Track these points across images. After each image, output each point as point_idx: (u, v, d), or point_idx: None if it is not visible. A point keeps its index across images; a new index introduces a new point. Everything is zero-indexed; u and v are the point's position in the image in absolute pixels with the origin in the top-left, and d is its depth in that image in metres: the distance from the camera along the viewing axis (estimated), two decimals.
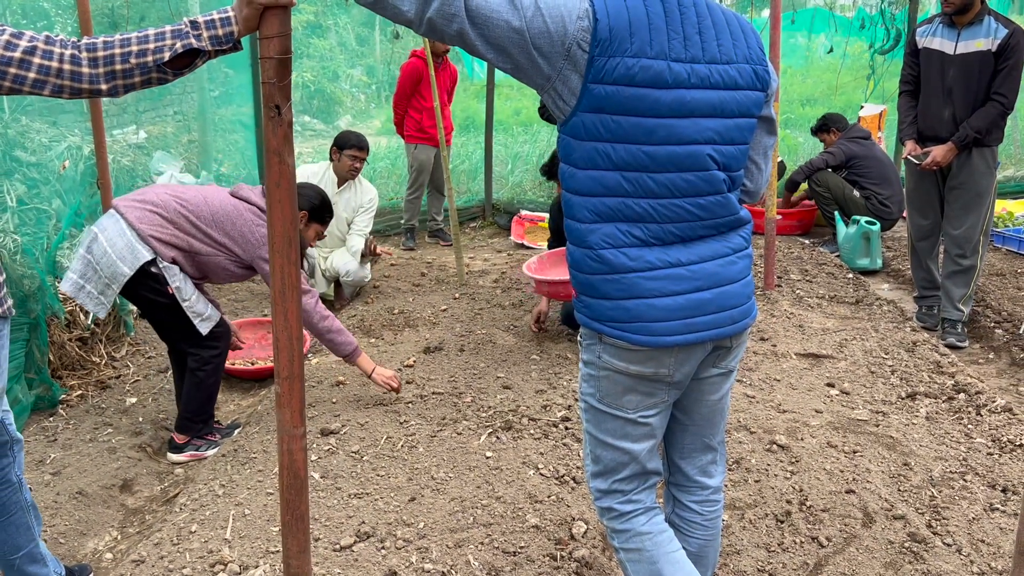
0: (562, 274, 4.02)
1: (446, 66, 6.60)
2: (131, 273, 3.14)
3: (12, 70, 1.65)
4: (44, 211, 4.10)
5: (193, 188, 3.46)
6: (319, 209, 3.70)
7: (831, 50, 10.16)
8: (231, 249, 3.33)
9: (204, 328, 3.33)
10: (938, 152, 4.41)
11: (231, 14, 1.64)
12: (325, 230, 3.84)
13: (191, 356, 3.41)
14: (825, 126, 6.74)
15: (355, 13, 11.21)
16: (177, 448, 3.47)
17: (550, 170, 4.45)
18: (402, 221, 6.98)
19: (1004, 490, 2.94)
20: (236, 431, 3.60)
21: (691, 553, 2.04)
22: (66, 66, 1.64)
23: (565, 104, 1.69)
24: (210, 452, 3.45)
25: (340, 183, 5.31)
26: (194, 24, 1.64)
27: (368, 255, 5.38)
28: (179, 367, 3.57)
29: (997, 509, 2.82)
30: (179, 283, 3.24)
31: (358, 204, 5.41)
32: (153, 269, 3.18)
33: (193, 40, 1.63)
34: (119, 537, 2.93)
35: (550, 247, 4.68)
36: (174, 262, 3.23)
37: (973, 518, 2.76)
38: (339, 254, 5.37)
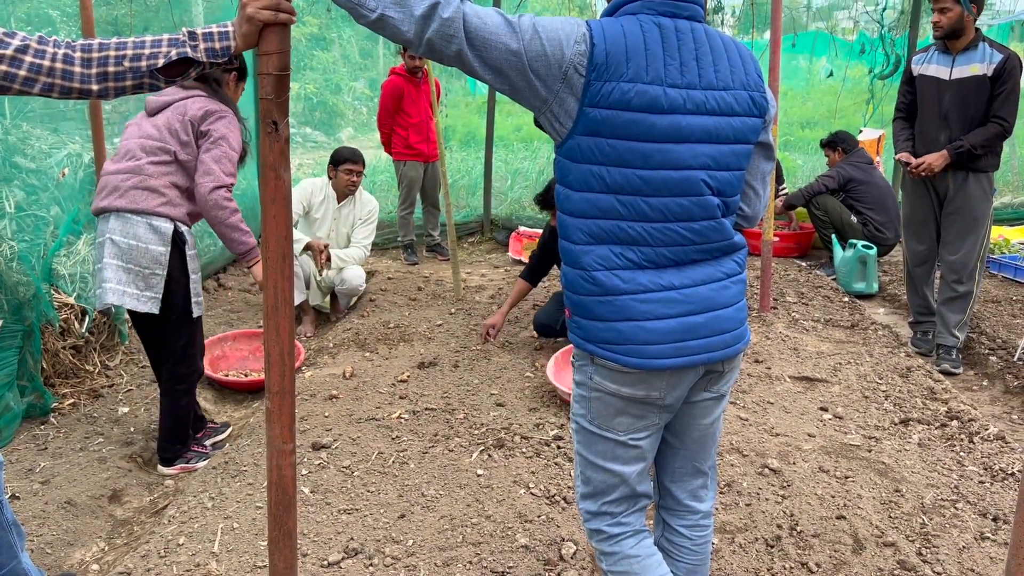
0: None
1: (426, 79, 6.61)
2: (168, 248, 3.15)
3: (3, 67, 1.66)
4: (42, 218, 4.10)
5: (125, 143, 3.29)
6: (245, 66, 3.62)
7: (831, 74, 10.22)
8: (192, 155, 3.24)
9: (197, 311, 3.31)
10: (930, 158, 4.44)
11: (230, 29, 1.65)
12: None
13: (167, 375, 3.36)
14: (833, 143, 6.77)
15: (359, 27, 11.29)
16: (167, 461, 3.46)
17: (545, 200, 4.46)
18: (399, 238, 7.01)
19: (995, 519, 2.93)
20: (228, 430, 3.69)
21: None
22: (58, 65, 1.65)
23: (561, 127, 1.70)
24: (200, 464, 3.45)
25: (340, 198, 5.32)
26: (192, 35, 1.66)
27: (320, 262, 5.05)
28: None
29: (988, 538, 2.82)
30: (192, 252, 3.28)
31: (357, 217, 5.41)
32: (178, 240, 3.19)
33: (188, 50, 1.64)
34: (106, 548, 2.92)
35: (533, 256, 4.66)
36: (189, 216, 3.25)
37: (963, 547, 2.76)
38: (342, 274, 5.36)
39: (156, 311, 3.19)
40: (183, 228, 3.23)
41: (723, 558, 2.67)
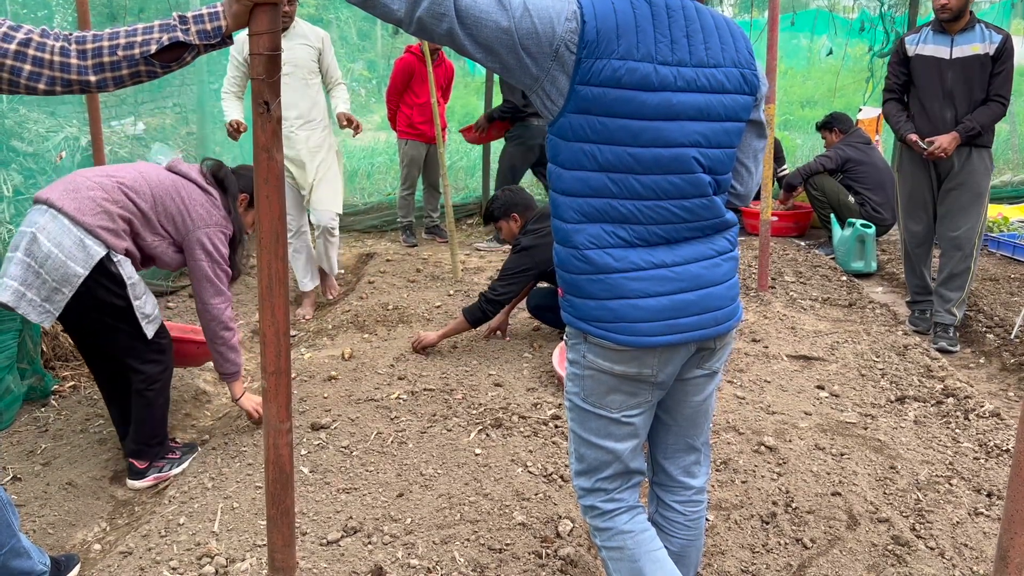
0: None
1: (442, 62, 6.59)
2: (86, 273, 2.78)
3: (8, 61, 1.66)
4: None
5: (127, 166, 3.11)
6: None
7: (831, 52, 10.17)
8: (167, 230, 3.05)
9: (151, 331, 3.01)
10: (944, 139, 4.45)
11: (220, 9, 1.65)
12: None
13: (136, 376, 3.07)
14: (829, 124, 6.78)
15: (356, 8, 11.23)
16: (139, 473, 3.15)
17: (488, 214, 4.45)
18: (398, 219, 7.01)
19: (989, 495, 2.95)
20: (194, 453, 3.36)
21: (673, 553, 2.05)
22: (56, 57, 1.65)
23: (553, 105, 1.70)
24: (175, 470, 3.21)
25: None
26: (183, 19, 1.66)
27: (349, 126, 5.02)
28: (112, 394, 3.25)
29: (981, 514, 2.84)
30: (134, 279, 2.94)
31: (310, 54, 4.84)
32: (110, 267, 2.85)
33: (180, 33, 1.64)
34: (108, 528, 2.94)
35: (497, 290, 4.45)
36: (127, 254, 2.94)
37: (957, 522, 2.78)
38: (319, 195, 5.03)
39: (48, 325, 2.86)
40: (118, 257, 2.88)
41: (719, 534, 2.69)
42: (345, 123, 4.99)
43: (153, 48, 1.65)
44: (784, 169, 7.40)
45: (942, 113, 4.52)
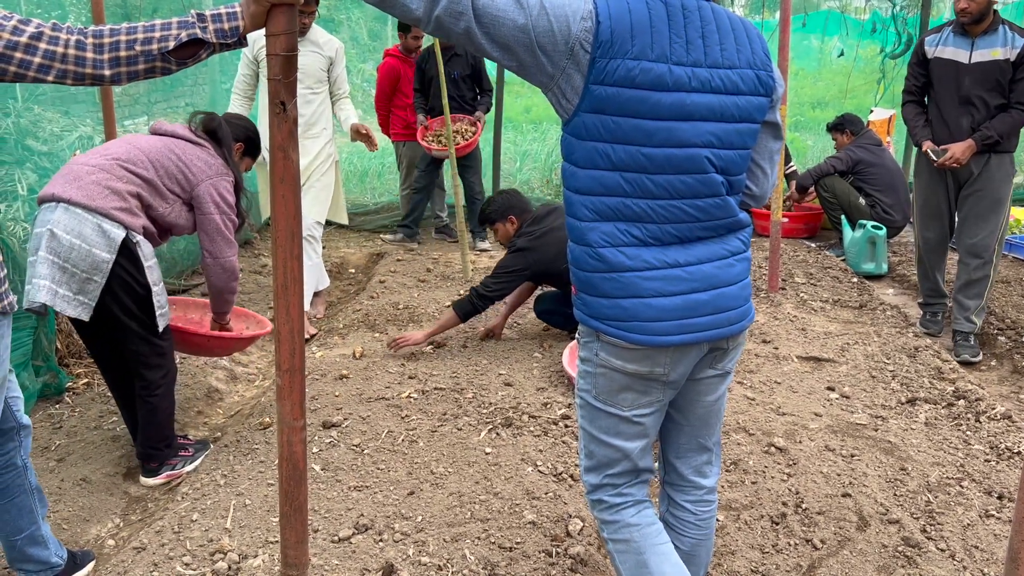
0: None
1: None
2: (112, 257, 2.79)
3: (18, 54, 1.69)
4: None
5: (115, 142, 3.09)
6: (254, 140, 3.55)
7: (842, 53, 10.15)
8: (175, 192, 3.04)
9: (162, 323, 3.01)
10: (957, 148, 4.30)
11: (238, 9, 1.67)
12: (255, 164, 3.67)
13: (139, 382, 3.09)
14: (840, 125, 6.74)
15: (368, 8, 11.24)
16: (152, 471, 3.20)
17: (484, 217, 4.49)
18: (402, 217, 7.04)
19: (1000, 497, 2.95)
20: (206, 451, 3.38)
21: (683, 552, 2.06)
22: (71, 51, 1.67)
23: (568, 103, 1.71)
24: (188, 468, 3.24)
25: None
26: (200, 17, 1.68)
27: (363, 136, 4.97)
28: (122, 395, 3.25)
29: (992, 515, 2.83)
30: (152, 263, 2.95)
31: (320, 62, 4.84)
32: (131, 248, 2.87)
33: (198, 31, 1.66)
34: (121, 524, 2.97)
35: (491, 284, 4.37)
36: (145, 231, 2.94)
37: (968, 524, 2.78)
38: (304, 202, 4.87)
39: (86, 318, 2.84)
40: (138, 238, 2.89)
41: (728, 535, 2.70)
42: (364, 132, 4.91)
43: (171, 44, 1.67)
44: (792, 166, 7.37)
45: (959, 119, 4.35)
